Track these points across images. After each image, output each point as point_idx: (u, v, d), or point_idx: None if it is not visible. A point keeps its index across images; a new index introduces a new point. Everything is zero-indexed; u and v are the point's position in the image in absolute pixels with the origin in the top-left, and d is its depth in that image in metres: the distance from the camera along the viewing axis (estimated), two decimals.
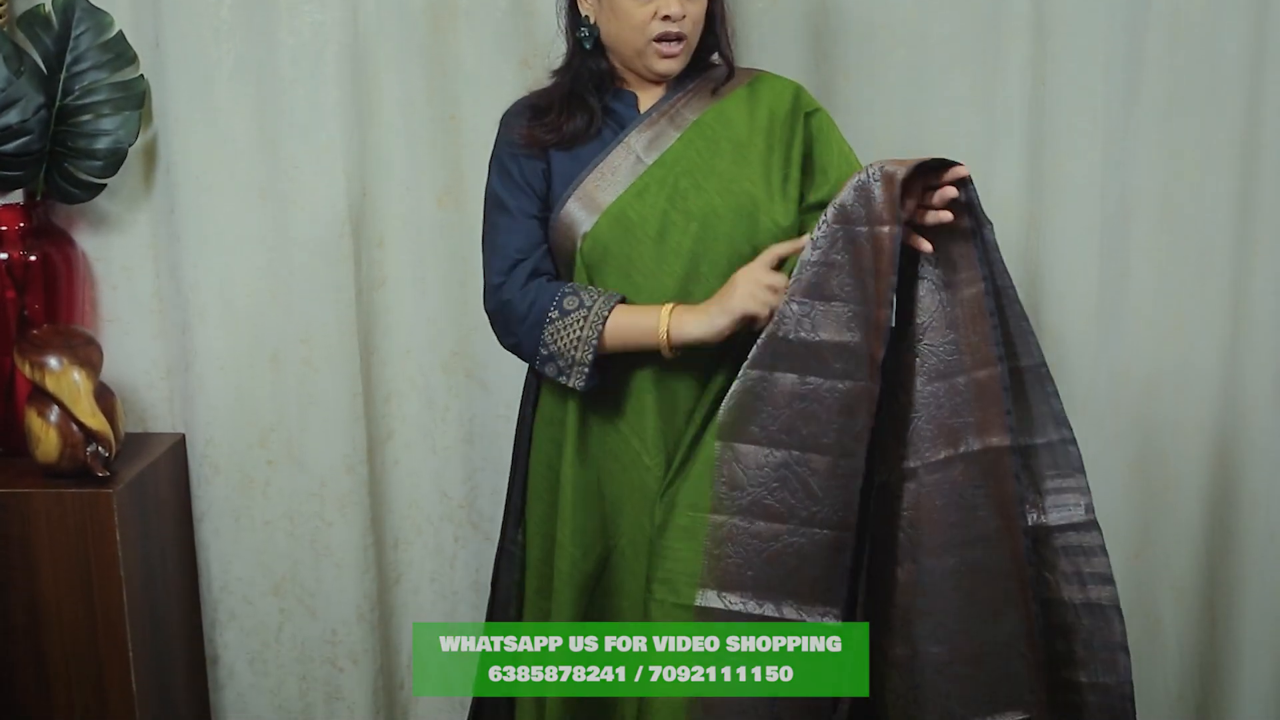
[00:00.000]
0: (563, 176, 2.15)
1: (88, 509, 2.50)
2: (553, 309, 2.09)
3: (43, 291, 2.65)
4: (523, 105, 2.23)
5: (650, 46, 2.11)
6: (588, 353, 2.07)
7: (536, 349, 2.11)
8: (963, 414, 1.99)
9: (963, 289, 2.00)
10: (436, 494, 2.85)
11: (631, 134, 2.15)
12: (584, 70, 2.18)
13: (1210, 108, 2.66)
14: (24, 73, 2.55)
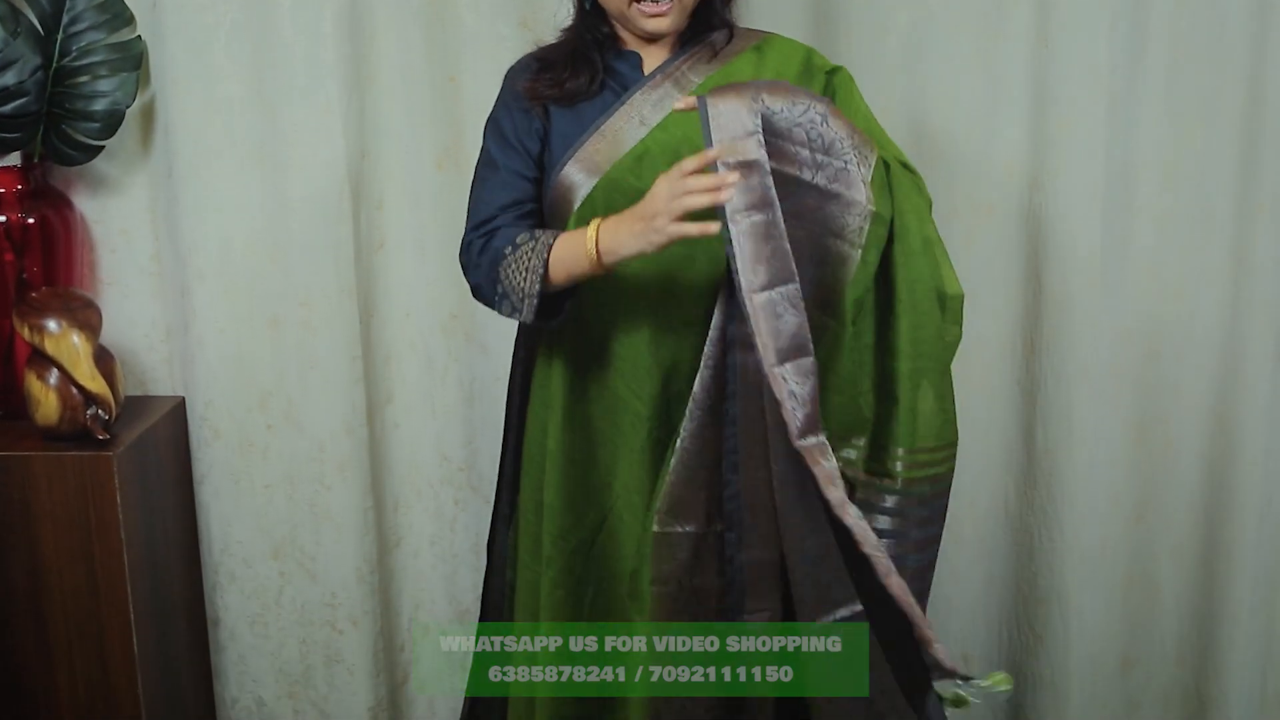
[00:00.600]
0: (563, 136, 2.12)
1: (88, 472, 2.50)
2: (507, 247, 2.05)
3: (41, 254, 2.64)
4: (529, 59, 2.20)
5: (633, 8, 2.06)
6: (535, 282, 2.02)
7: (495, 287, 2.07)
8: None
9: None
10: (436, 457, 2.85)
11: (635, 95, 2.11)
12: (586, 30, 2.15)
13: (1214, 69, 2.64)
14: (20, 34, 2.53)
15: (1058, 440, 2.76)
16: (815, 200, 1.98)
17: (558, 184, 2.11)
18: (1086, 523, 2.80)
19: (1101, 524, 2.82)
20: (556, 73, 2.13)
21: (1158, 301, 2.75)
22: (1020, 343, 2.78)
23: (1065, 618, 2.82)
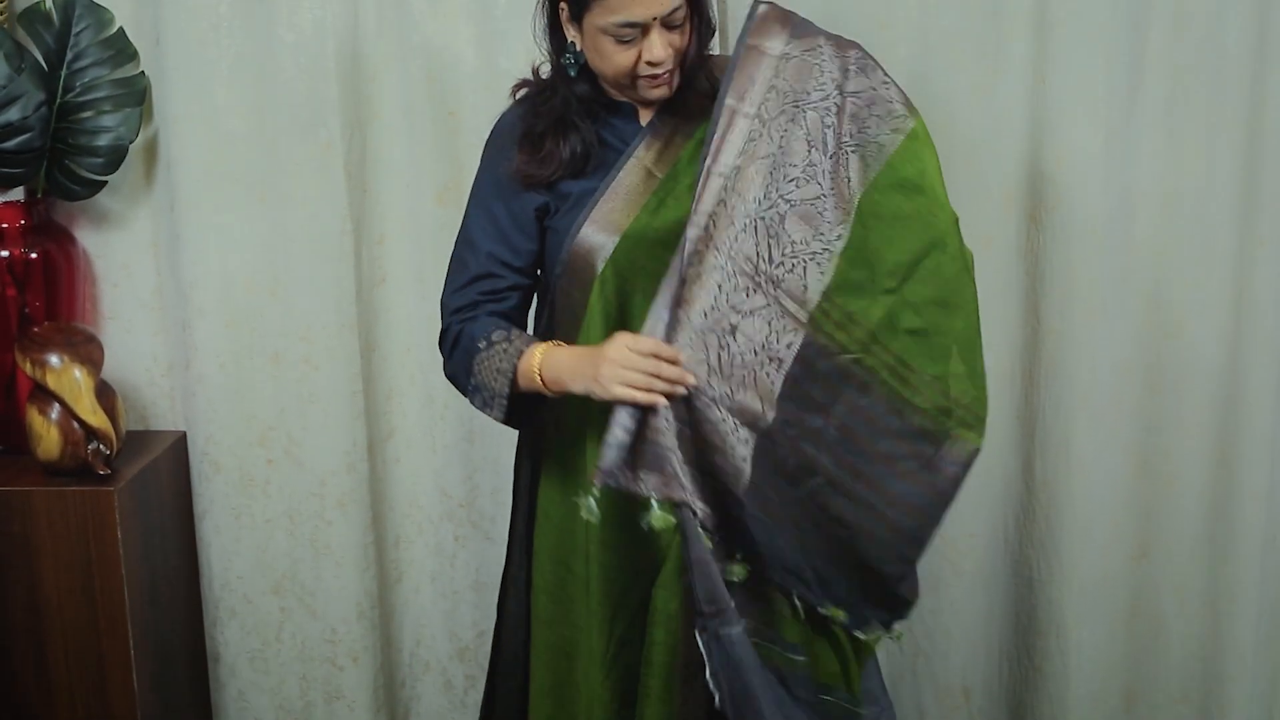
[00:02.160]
0: (573, 202, 2.10)
1: (89, 507, 2.50)
2: (481, 341, 2.06)
3: (43, 289, 2.65)
4: (513, 130, 2.14)
5: (637, 82, 2.05)
6: (505, 385, 2.04)
7: (468, 379, 2.08)
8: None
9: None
10: (437, 492, 2.85)
11: (639, 149, 2.10)
12: (571, 96, 2.10)
13: (1212, 101, 2.65)
14: (25, 70, 2.55)
15: (1057, 472, 2.76)
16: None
17: (576, 247, 2.08)
18: (1086, 555, 2.79)
19: (1102, 557, 2.81)
20: (548, 148, 2.09)
21: (1157, 335, 2.75)
22: (1019, 375, 2.78)
23: (1065, 651, 2.81)
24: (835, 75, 2.08)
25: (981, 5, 2.62)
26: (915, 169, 2.07)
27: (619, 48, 2.01)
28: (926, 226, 2.06)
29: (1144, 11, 2.61)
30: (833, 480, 2.00)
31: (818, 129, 2.05)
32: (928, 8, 2.62)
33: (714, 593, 1.94)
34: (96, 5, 2.62)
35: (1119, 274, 2.71)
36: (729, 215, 1.97)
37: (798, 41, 2.09)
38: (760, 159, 2.01)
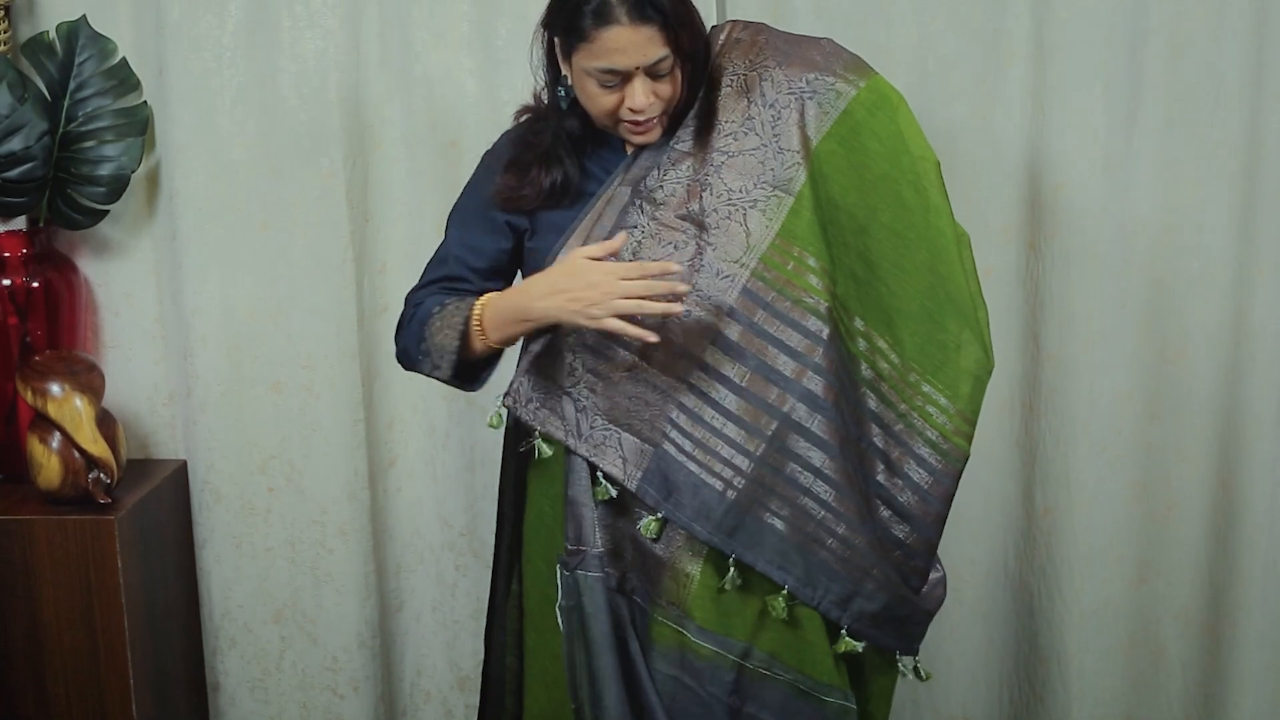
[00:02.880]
0: (553, 225, 2.11)
1: (89, 536, 2.50)
2: (435, 308, 2.09)
3: (45, 317, 2.65)
4: (503, 158, 2.16)
5: (621, 125, 2.07)
6: (452, 339, 2.05)
7: (419, 345, 2.09)
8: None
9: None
10: (438, 522, 2.85)
11: (617, 175, 2.12)
12: (560, 131, 2.12)
13: (1210, 130, 2.66)
14: (28, 99, 2.56)
15: (1057, 501, 2.77)
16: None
17: None
18: (1087, 583, 2.79)
19: (1103, 585, 2.81)
20: (532, 175, 2.11)
21: (1157, 361, 2.76)
22: (1019, 404, 2.79)
23: (1066, 679, 2.81)
24: (779, 45, 2.13)
25: (980, 33, 2.63)
26: (876, 123, 2.08)
27: (602, 91, 2.02)
28: (891, 180, 2.08)
29: (1141, 40, 2.63)
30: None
31: (756, 86, 2.09)
32: (927, 35, 2.64)
33: (580, 534, 2.07)
34: (100, 35, 2.63)
35: (1118, 301, 2.71)
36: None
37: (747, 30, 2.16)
38: (694, 134, 2.10)
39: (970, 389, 2.09)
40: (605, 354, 2.06)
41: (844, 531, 2.05)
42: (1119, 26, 2.62)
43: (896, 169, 2.07)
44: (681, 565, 2.06)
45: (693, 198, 2.06)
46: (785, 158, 2.06)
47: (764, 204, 2.05)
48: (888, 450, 2.11)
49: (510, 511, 2.26)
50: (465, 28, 2.66)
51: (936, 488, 2.11)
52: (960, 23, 2.63)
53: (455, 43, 2.67)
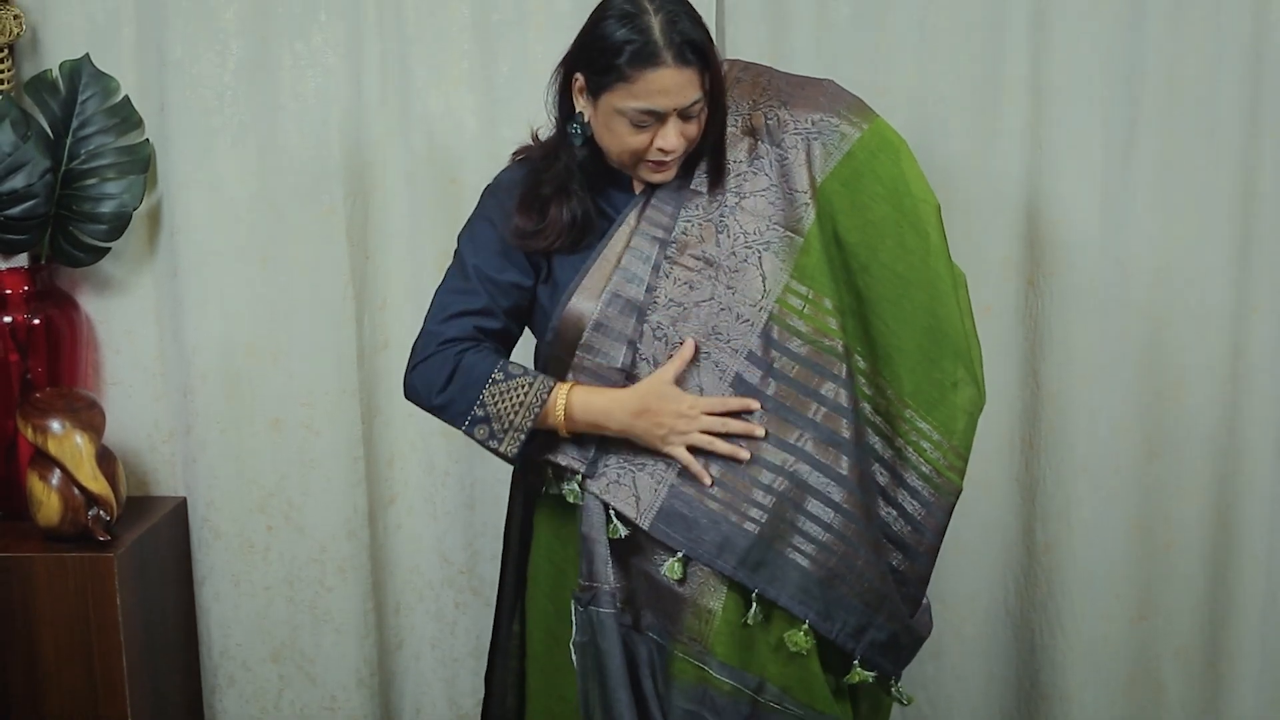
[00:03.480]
0: (565, 264, 2.11)
1: (88, 573, 2.49)
2: (496, 372, 2.05)
3: (46, 354, 2.65)
4: (513, 189, 2.15)
5: (642, 164, 2.07)
6: (527, 418, 2.04)
7: (470, 409, 2.06)
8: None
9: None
10: (438, 559, 2.84)
11: (630, 216, 2.12)
12: (573, 164, 2.11)
13: (1207, 168, 2.68)
14: (30, 137, 2.57)
15: (1058, 538, 2.77)
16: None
17: (567, 314, 2.08)
18: (1088, 621, 2.79)
19: (1104, 622, 2.81)
20: (551, 217, 2.10)
21: (1156, 399, 2.76)
22: (1019, 440, 2.79)
23: (1067, 715, 2.80)
24: (781, 86, 2.16)
25: (978, 72, 2.65)
26: (878, 165, 2.10)
27: (633, 130, 2.02)
28: (896, 221, 2.10)
29: (1138, 79, 2.65)
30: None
31: (760, 125, 2.12)
32: (925, 74, 2.65)
33: (593, 570, 2.05)
34: (102, 74, 2.64)
35: (1117, 338, 2.72)
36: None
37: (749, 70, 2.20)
38: (706, 173, 2.12)
39: (964, 426, 2.11)
40: None
41: (861, 565, 2.05)
42: (1116, 66, 2.65)
43: (898, 211, 2.09)
44: (704, 602, 2.06)
45: (708, 239, 2.08)
46: (795, 198, 2.08)
47: (776, 245, 2.07)
48: (883, 483, 2.12)
49: (515, 551, 2.26)
50: (465, 66, 2.68)
51: (929, 520, 2.12)
52: (959, 62, 2.65)
53: (455, 81, 2.69)
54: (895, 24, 2.66)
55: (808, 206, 2.07)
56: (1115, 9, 2.63)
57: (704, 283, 2.07)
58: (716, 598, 2.05)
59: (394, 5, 2.66)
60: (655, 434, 2.03)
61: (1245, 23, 2.64)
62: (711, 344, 2.05)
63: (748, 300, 2.05)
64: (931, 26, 2.66)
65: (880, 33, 2.67)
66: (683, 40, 1.96)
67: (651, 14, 1.97)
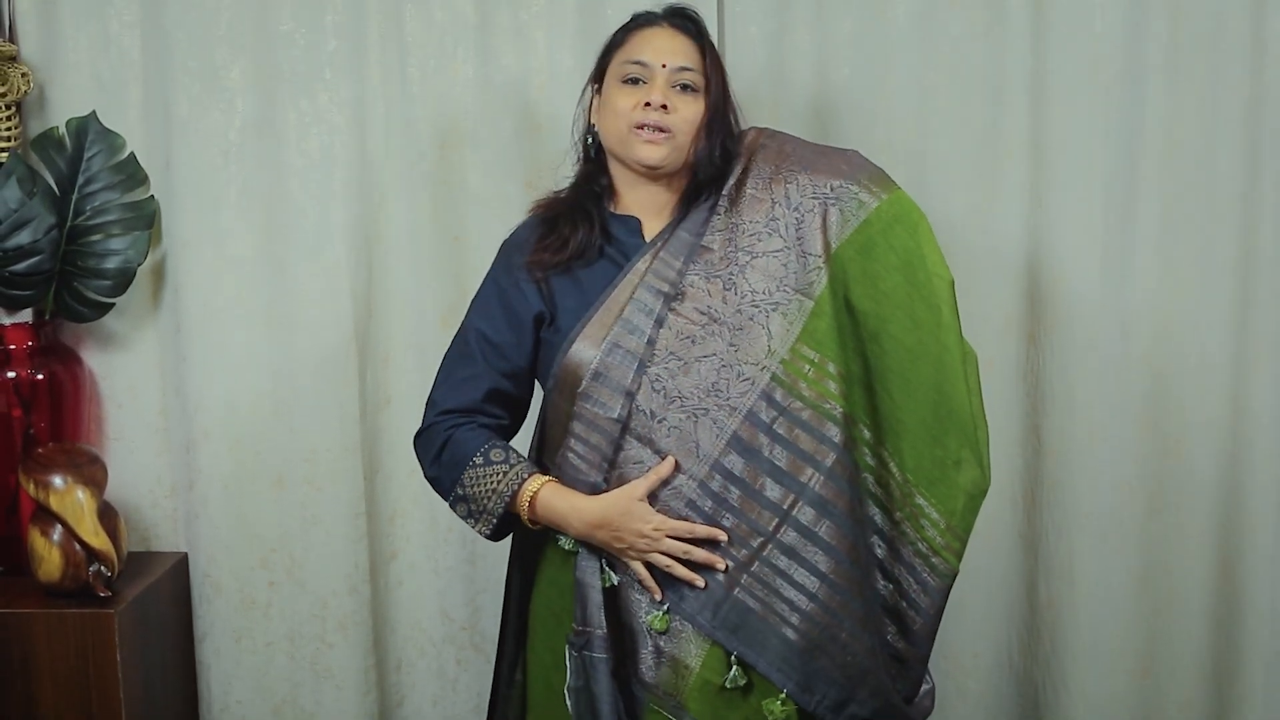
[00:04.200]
0: (568, 311, 2.13)
1: (89, 629, 2.48)
2: (478, 455, 2.10)
3: (49, 409, 2.65)
4: (530, 227, 2.22)
5: (632, 133, 2.11)
6: (499, 505, 2.08)
7: (454, 487, 2.12)
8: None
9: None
10: (439, 615, 2.83)
11: (637, 264, 2.13)
12: (587, 182, 2.20)
13: (1205, 226, 2.70)
14: (36, 194, 2.58)
15: (1060, 593, 2.77)
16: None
17: (568, 360, 2.10)
18: (1091, 677, 2.78)
19: (1107, 678, 2.80)
20: (559, 232, 2.16)
21: (1157, 455, 2.77)
22: (1020, 495, 2.79)
23: None
24: (805, 153, 2.18)
25: (978, 130, 2.68)
26: (894, 236, 2.12)
27: (623, 90, 2.11)
28: (907, 295, 2.10)
29: (1137, 137, 2.68)
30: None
31: (780, 188, 2.13)
32: (926, 131, 2.68)
33: (586, 616, 2.06)
34: (109, 131, 2.66)
35: (1118, 394, 2.73)
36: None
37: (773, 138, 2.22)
38: (720, 231, 2.13)
39: (964, 506, 2.10)
40: (624, 448, 2.07)
41: (845, 638, 2.05)
42: (1115, 124, 2.68)
43: (911, 283, 2.10)
44: (682, 657, 2.06)
45: (714, 294, 2.09)
46: (808, 261, 2.09)
47: (785, 307, 2.08)
48: (881, 556, 2.12)
49: (516, 600, 2.26)
50: (469, 124, 2.70)
51: (925, 599, 2.12)
52: (959, 120, 2.68)
53: (459, 139, 2.71)
54: (895, 83, 2.68)
55: (820, 271, 2.09)
56: (1113, 68, 2.66)
57: (706, 338, 2.07)
58: (696, 655, 2.06)
59: (398, 65, 2.68)
60: (614, 546, 2.06)
61: (1242, 83, 2.67)
62: (710, 401, 2.05)
63: (750, 359, 2.06)
64: (930, 86, 2.69)
65: (879, 92, 2.70)
66: (680, 13, 2.14)
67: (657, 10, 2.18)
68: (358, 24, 2.67)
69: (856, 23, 2.69)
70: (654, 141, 2.10)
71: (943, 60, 2.68)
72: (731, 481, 2.04)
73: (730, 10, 2.70)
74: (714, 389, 2.05)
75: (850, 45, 2.69)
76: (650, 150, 2.11)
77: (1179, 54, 2.67)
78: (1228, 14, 2.65)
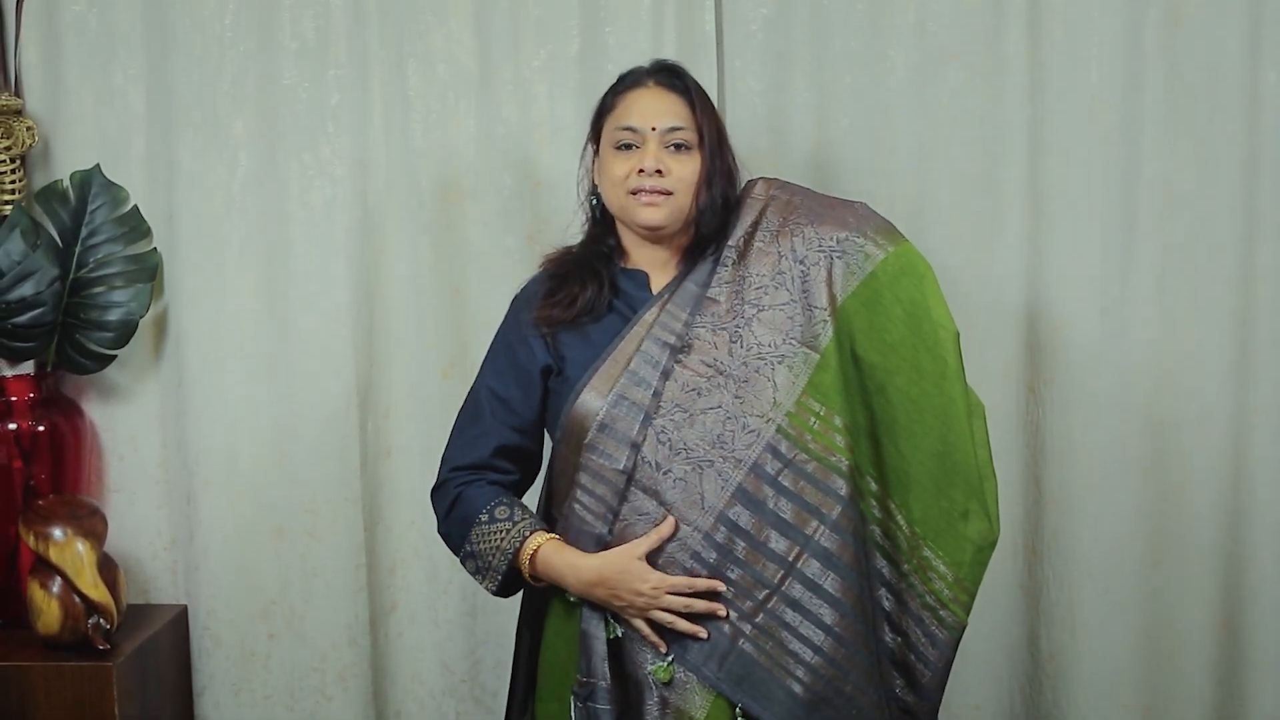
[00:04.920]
0: (576, 363, 2.14)
1: (87, 682, 2.48)
2: (483, 513, 2.11)
3: (50, 461, 2.66)
4: (539, 282, 2.24)
5: (630, 199, 2.12)
6: (502, 562, 2.09)
7: (463, 544, 2.13)
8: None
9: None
10: (439, 667, 2.82)
11: (645, 315, 2.15)
12: (594, 242, 2.21)
13: (1205, 275, 2.70)
14: (40, 246, 2.59)
15: (1062, 645, 2.75)
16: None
17: (575, 411, 2.11)
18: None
19: None
20: (568, 288, 2.17)
21: (1158, 504, 2.76)
22: (1021, 546, 2.79)
23: None
24: (813, 205, 2.19)
25: (977, 181, 2.69)
26: (900, 288, 2.12)
27: (617, 157, 2.12)
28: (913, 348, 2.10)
29: (1134, 188, 2.68)
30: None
31: (787, 241, 2.14)
32: (926, 182, 2.69)
33: (590, 667, 2.05)
34: (112, 184, 2.68)
35: (1118, 443, 2.73)
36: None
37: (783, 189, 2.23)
38: (726, 283, 2.14)
39: (971, 559, 2.10)
40: (629, 500, 2.06)
41: (851, 691, 2.04)
42: (1113, 175, 2.69)
43: (916, 335, 2.10)
44: (687, 708, 2.05)
45: (720, 346, 2.10)
46: (813, 314, 2.10)
47: (791, 360, 2.08)
48: (889, 608, 2.12)
49: (526, 652, 2.26)
50: (471, 179, 2.72)
51: (932, 651, 2.11)
52: (957, 171, 2.70)
53: (461, 191, 2.72)
54: (894, 136, 2.70)
55: (826, 324, 2.09)
56: (1111, 119, 2.68)
57: (711, 390, 2.08)
58: (701, 707, 2.05)
59: (400, 118, 2.70)
60: (613, 605, 2.05)
61: (1239, 132, 2.68)
62: (715, 453, 2.05)
63: (755, 411, 2.06)
64: (929, 138, 2.70)
65: (879, 144, 2.72)
66: (664, 68, 2.15)
67: (645, 65, 2.19)
68: (360, 78, 2.69)
69: (856, 76, 2.70)
70: (654, 204, 2.12)
71: (941, 112, 2.69)
72: (736, 534, 2.03)
73: (730, 65, 2.72)
74: (719, 441, 2.05)
75: (849, 98, 2.71)
76: (651, 214, 2.13)
77: (1176, 105, 2.68)
78: (1224, 65, 2.67)
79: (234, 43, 2.68)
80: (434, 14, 2.70)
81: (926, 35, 2.69)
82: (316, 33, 2.69)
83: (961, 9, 2.68)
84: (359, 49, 2.69)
